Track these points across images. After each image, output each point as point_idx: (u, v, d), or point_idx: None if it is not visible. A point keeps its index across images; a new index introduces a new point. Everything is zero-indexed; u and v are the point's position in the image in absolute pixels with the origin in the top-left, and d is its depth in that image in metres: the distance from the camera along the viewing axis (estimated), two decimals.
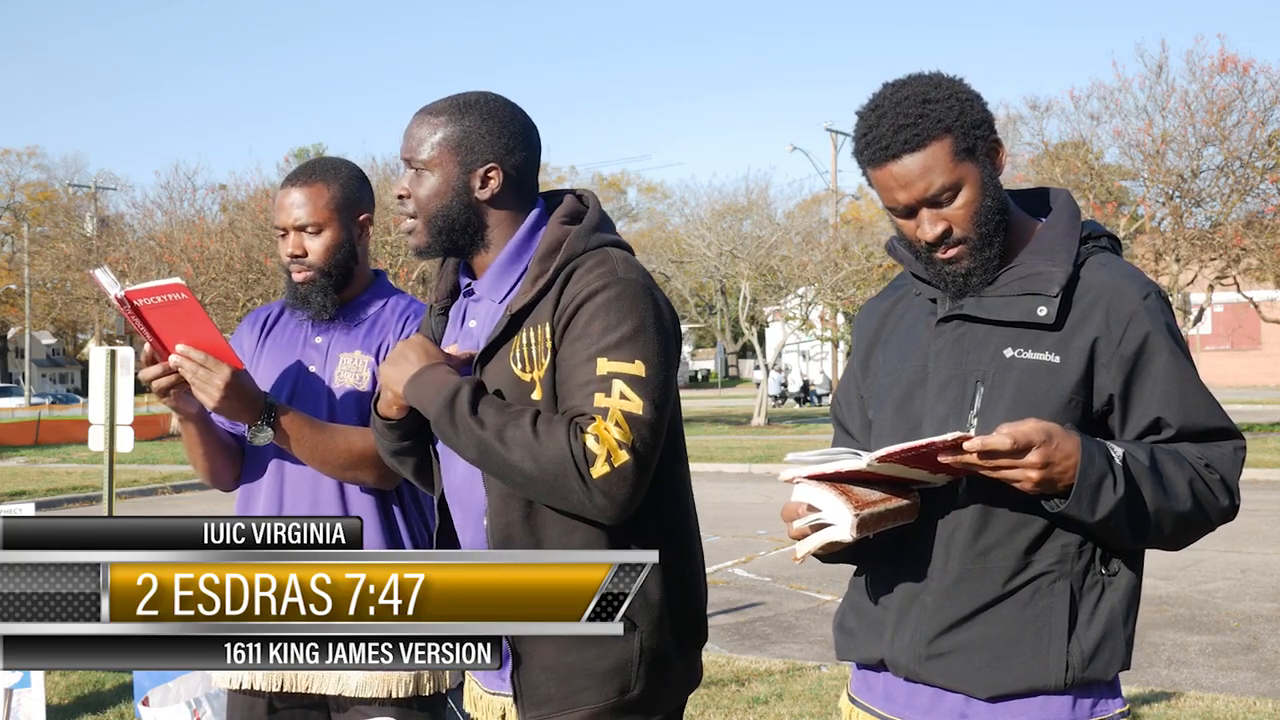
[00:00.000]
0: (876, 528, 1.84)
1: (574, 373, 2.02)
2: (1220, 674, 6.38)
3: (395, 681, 2.64)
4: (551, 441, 1.95)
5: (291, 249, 2.69)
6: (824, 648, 6.98)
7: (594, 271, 2.07)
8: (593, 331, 2.02)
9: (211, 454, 2.72)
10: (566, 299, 2.06)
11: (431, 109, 2.18)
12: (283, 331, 2.82)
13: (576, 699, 2.07)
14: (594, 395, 1.99)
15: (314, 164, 2.78)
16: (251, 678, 2.69)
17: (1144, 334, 1.89)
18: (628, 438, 1.97)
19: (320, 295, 2.71)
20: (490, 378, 2.12)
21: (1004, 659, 1.90)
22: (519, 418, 1.99)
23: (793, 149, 41.11)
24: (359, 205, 2.75)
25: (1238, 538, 10.13)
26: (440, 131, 2.15)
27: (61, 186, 58.34)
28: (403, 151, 2.19)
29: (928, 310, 2.05)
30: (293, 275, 2.71)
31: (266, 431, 2.55)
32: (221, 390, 2.44)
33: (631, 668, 2.07)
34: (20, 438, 28.63)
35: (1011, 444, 1.74)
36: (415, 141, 2.16)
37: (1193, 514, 1.88)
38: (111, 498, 7.71)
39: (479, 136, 2.15)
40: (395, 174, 27.81)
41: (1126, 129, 21.37)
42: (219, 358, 2.46)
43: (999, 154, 1.95)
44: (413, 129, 2.18)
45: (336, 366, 2.73)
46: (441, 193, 2.14)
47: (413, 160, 2.16)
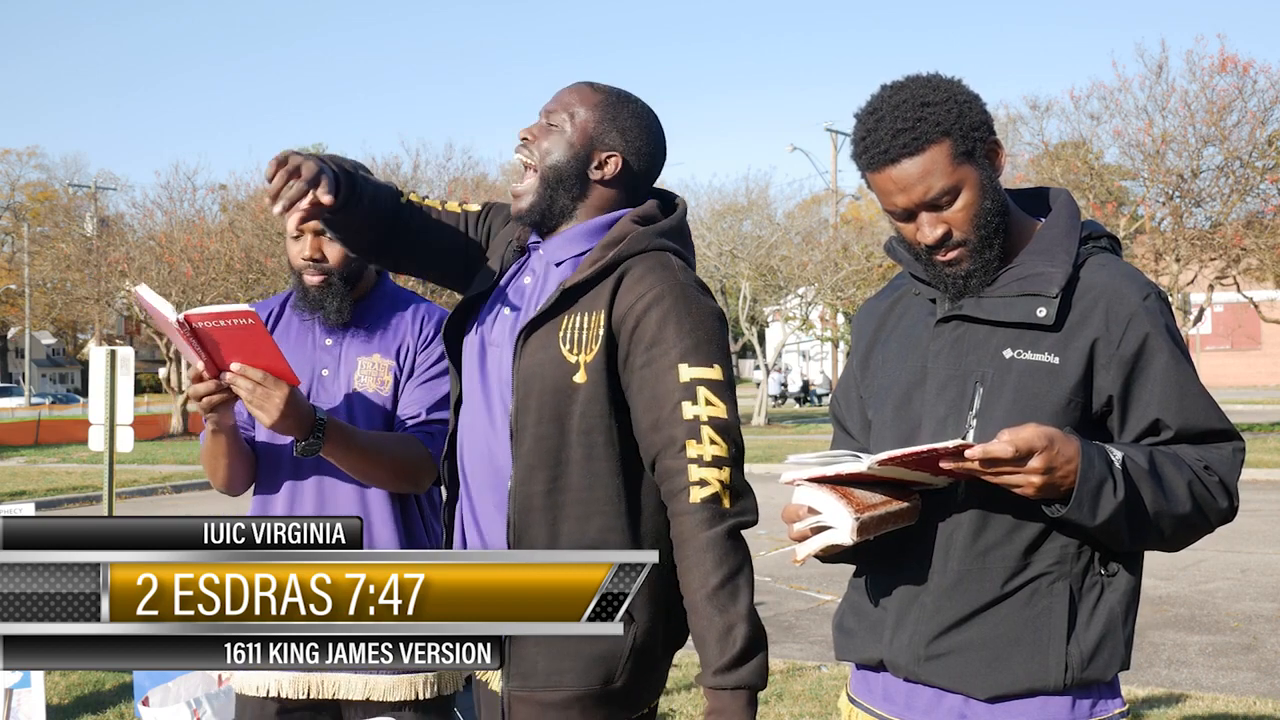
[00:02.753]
0: (877, 530, 1.84)
1: (655, 380, 2.07)
2: (1220, 674, 6.38)
3: (420, 683, 2.64)
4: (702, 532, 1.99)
5: (310, 252, 2.66)
6: (824, 648, 6.98)
7: (655, 274, 2.12)
8: (666, 334, 2.07)
9: (234, 462, 2.69)
10: (630, 298, 2.10)
11: (594, 85, 2.27)
12: (287, 332, 2.78)
13: (561, 679, 2.08)
14: (681, 404, 2.04)
15: None
16: (278, 685, 2.67)
17: (1143, 335, 1.89)
18: (724, 450, 2.03)
19: (336, 299, 2.68)
20: (532, 351, 2.14)
21: (1003, 659, 1.89)
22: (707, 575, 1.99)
23: (793, 149, 41.10)
24: None
25: (1238, 538, 10.13)
26: (593, 106, 2.23)
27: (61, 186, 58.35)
28: (548, 104, 2.25)
29: (927, 310, 2.05)
30: (305, 278, 2.68)
31: (316, 444, 2.53)
32: (280, 409, 2.42)
33: (620, 660, 2.09)
34: (20, 438, 28.63)
35: (1014, 451, 1.74)
36: (566, 102, 2.24)
37: (1192, 516, 1.88)
38: (111, 498, 7.71)
39: (622, 128, 2.23)
40: (395, 174, 27.82)
41: (1126, 129, 21.37)
42: (275, 375, 2.44)
43: (998, 155, 1.94)
44: (569, 92, 2.26)
45: (355, 370, 2.70)
46: (564, 151, 2.21)
47: (553, 114, 2.23)
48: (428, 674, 2.65)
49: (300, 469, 2.69)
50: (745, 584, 1.99)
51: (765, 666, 1.98)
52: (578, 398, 2.10)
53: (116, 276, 29.05)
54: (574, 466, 2.09)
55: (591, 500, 2.09)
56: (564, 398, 2.10)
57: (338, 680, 2.65)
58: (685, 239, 2.26)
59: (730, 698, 1.95)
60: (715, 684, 1.95)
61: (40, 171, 64.00)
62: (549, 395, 2.11)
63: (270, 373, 2.43)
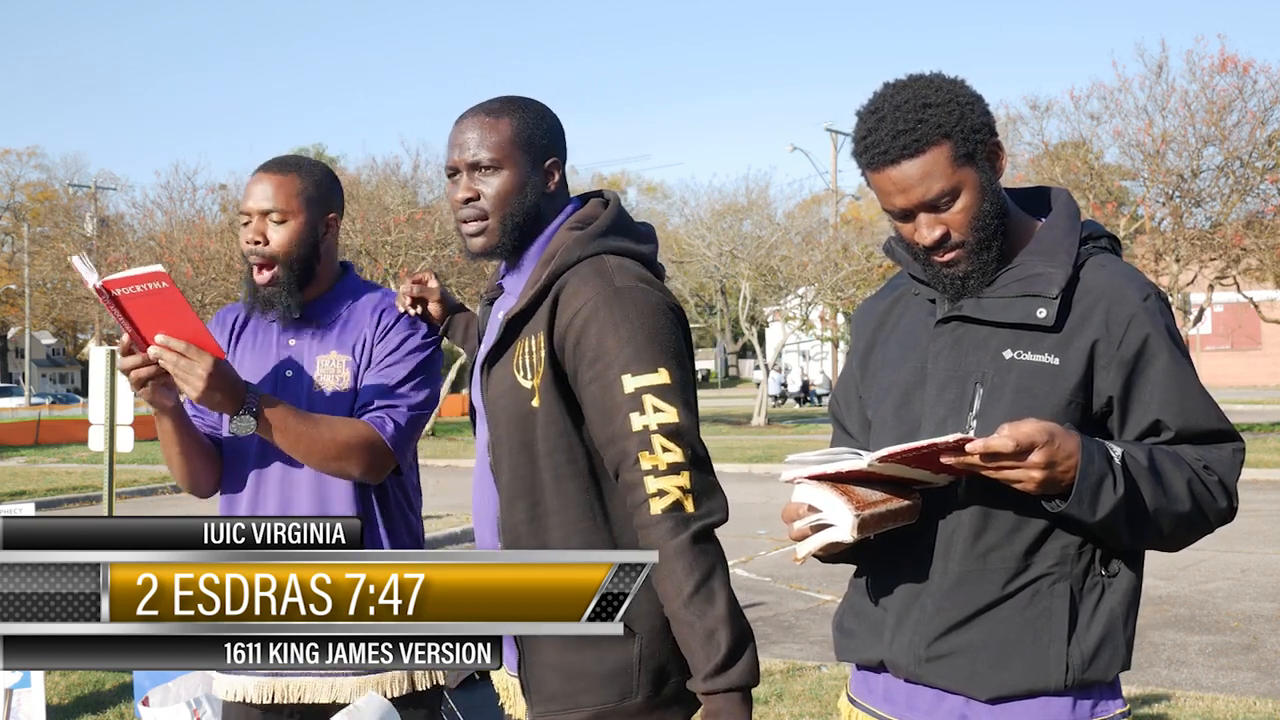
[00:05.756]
0: (877, 528, 1.84)
1: (602, 394, 2.02)
2: (1220, 674, 6.38)
3: (389, 682, 2.63)
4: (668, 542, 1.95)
5: (254, 235, 2.62)
6: (824, 648, 6.98)
7: (589, 283, 2.06)
8: (605, 345, 2.02)
9: (189, 452, 2.65)
10: (566, 315, 2.06)
11: (485, 109, 2.16)
12: (253, 335, 2.76)
13: (579, 699, 2.09)
14: (629, 416, 1.99)
15: (289, 156, 2.73)
16: (244, 690, 2.66)
17: (1144, 336, 1.89)
18: (680, 454, 1.98)
19: (285, 295, 2.65)
20: (495, 383, 2.15)
21: (1004, 660, 1.89)
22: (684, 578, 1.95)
23: (793, 149, 41.14)
24: (329, 204, 2.70)
25: (1238, 538, 10.13)
26: (504, 130, 2.14)
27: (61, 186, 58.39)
28: (459, 155, 2.15)
29: (927, 311, 2.04)
30: (254, 274, 2.65)
31: (249, 420, 2.47)
32: (205, 380, 2.37)
33: (632, 673, 2.08)
34: (20, 438, 28.62)
35: (1014, 446, 1.74)
36: (476, 142, 2.14)
37: (1191, 515, 1.88)
38: (111, 498, 7.71)
39: (542, 132, 2.17)
40: (395, 174, 27.82)
41: (1126, 129, 21.37)
42: (200, 346, 2.39)
43: (999, 157, 1.94)
44: (468, 131, 2.15)
45: (315, 370, 2.68)
46: (518, 189, 2.14)
47: (479, 162, 2.13)
48: (398, 673, 2.62)
49: (264, 462, 2.65)
50: (720, 586, 1.96)
51: (754, 664, 1.96)
52: (537, 421, 2.10)
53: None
54: (547, 491, 2.10)
55: (568, 521, 2.09)
56: (526, 424, 2.11)
57: (303, 684, 2.62)
58: (628, 229, 2.19)
59: (724, 700, 1.94)
60: (707, 689, 1.95)
61: (40, 171, 64.09)
62: (514, 424, 2.12)
63: (194, 344, 2.38)
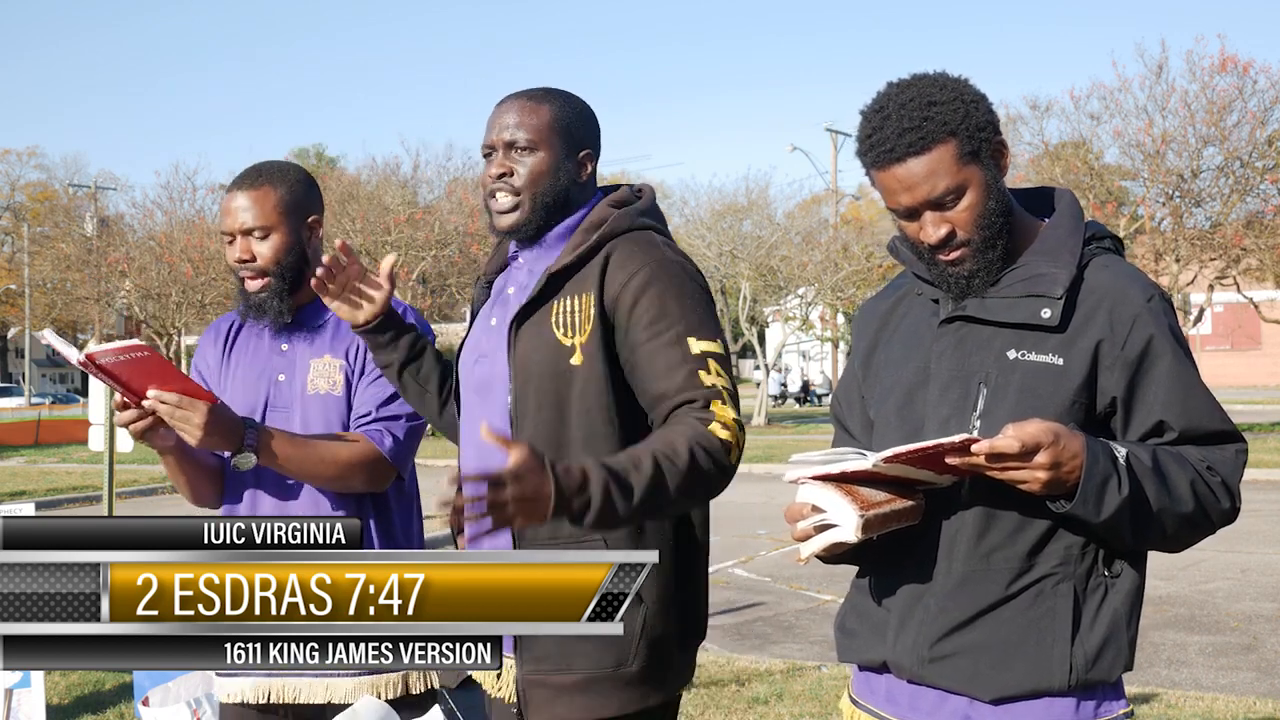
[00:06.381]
0: (881, 529, 1.84)
1: (664, 352, 2.08)
2: (1220, 674, 6.38)
3: (384, 684, 2.63)
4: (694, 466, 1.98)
5: (240, 254, 2.66)
6: (824, 648, 6.98)
7: (645, 251, 2.15)
8: (668, 311, 2.10)
9: (194, 478, 2.73)
10: (621, 276, 2.12)
11: (528, 95, 2.25)
12: (247, 343, 2.79)
13: (572, 661, 2.10)
14: (698, 373, 2.07)
15: (259, 167, 2.72)
16: (241, 692, 2.67)
17: (1148, 337, 1.89)
18: (739, 417, 2.07)
19: (276, 301, 2.67)
20: (526, 339, 2.17)
21: (1008, 661, 1.89)
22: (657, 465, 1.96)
23: (793, 149, 41.11)
24: (308, 208, 2.71)
25: (1238, 538, 10.12)
26: (544, 114, 2.22)
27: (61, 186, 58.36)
28: (497, 134, 2.22)
29: (930, 311, 2.04)
30: (245, 284, 2.68)
31: (250, 458, 2.55)
32: (202, 426, 2.47)
33: (632, 641, 2.10)
34: (20, 438, 28.61)
35: (1020, 447, 1.73)
36: (515, 123, 2.21)
37: (1194, 515, 1.88)
38: (111, 498, 7.71)
39: (579, 123, 2.25)
40: (395, 174, 27.82)
41: (1126, 129, 21.37)
42: (192, 395, 2.49)
43: (1003, 156, 1.94)
44: (508, 114, 2.23)
45: (308, 374, 2.70)
46: (551, 171, 2.21)
47: (515, 141, 2.20)
48: (392, 674, 2.63)
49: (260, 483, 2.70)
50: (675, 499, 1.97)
51: (595, 514, 1.90)
52: (575, 380, 2.12)
53: (116, 276, 29.08)
54: (574, 448, 2.11)
55: None
56: (562, 381, 2.13)
57: (298, 685, 2.63)
58: (662, 220, 2.28)
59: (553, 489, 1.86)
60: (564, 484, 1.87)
61: (40, 171, 64.03)
62: (547, 380, 2.13)
63: (185, 394, 2.48)
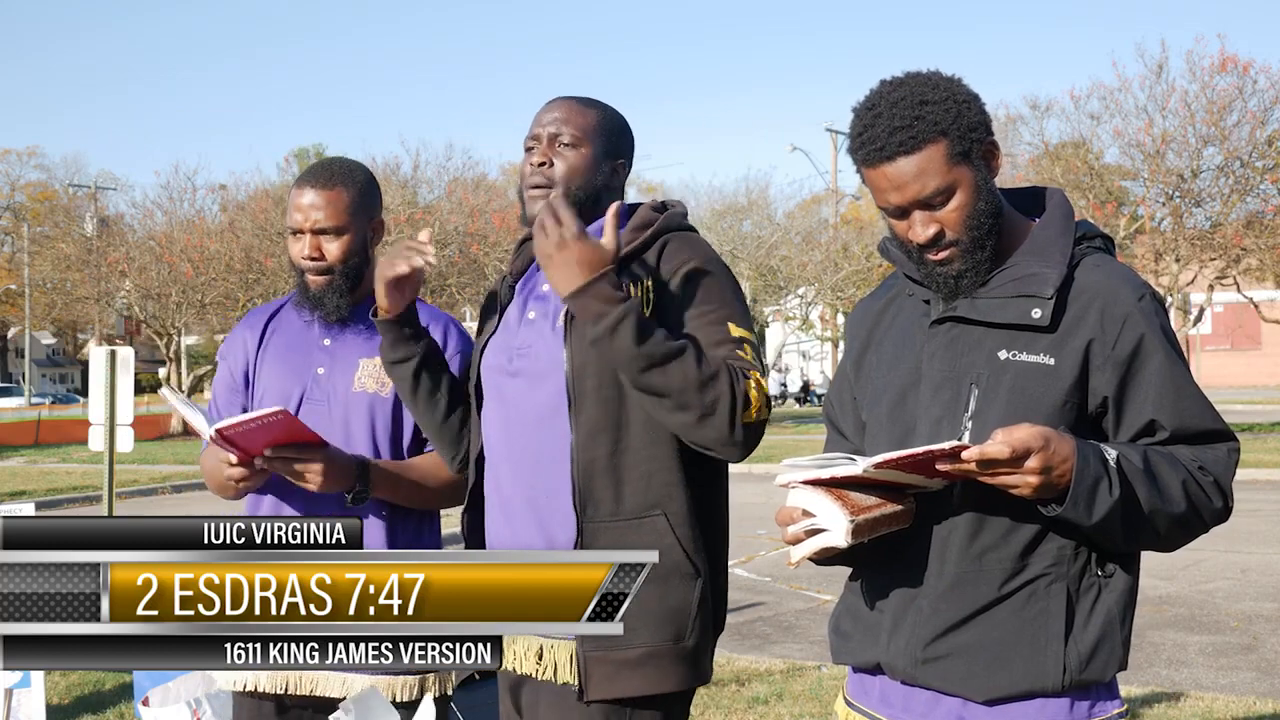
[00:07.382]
0: (871, 533, 1.84)
1: (708, 329, 2.21)
2: (1220, 674, 6.38)
3: (400, 685, 2.62)
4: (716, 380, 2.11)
5: (309, 251, 2.68)
6: (824, 648, 6.99)
7: (694, 246, 2.29)
8: (715, 298, 2.24)
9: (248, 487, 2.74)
10: (675, 262, 2.25)
11: (579, 99, 2.39)
12: (286, 334, 2.80)
13: (633, 637, 2.12)
14: (736, 351, 2.19)
15: (331, 165, 2.75)
16: (256, 680, 2.67)
17: (1139, 336, 1.89)
18: (768, 395, 2.19)
19: (335, 296, 2.70)
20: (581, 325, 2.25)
21: (1001, 662, 1.89)
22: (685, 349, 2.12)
23: (793, 149, 41.12)
24: (374, 209, 2.75)
25: (1238, 538, 10.13)
26: (590, 117, 2.35)
27: (61, 186, 58.31)
28: (544, 127, 2.34)
29: (921, 311, 2.04)
30: (306, 278, 2.70)
31: (365, 494, 2.61)
32: (322, 474, 2.54)
33: (690, 615, 2.17)
34: (20, 438, 28.62)
35: (1010, 452, 1.74)
36: (562, 120, 2.34)
37: (1186, 515, 1.88)
38: (111, 498, 7.72)
39: (619, 134, 2.39)
40: (395, 174, 27.80)
41: (1126, 129, 21.36)
42: (300, 440, 2.53)
43: (995, 156, 1.94)
44: (555, 111, 2.35)
45: (356, 371, 2.71)
46: (589, 168, 2.34)
47: (559, 135, 2.33)
48: (409, 676, 2.64)
49: None
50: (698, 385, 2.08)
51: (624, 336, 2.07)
52: None
53: (116, 276, 29.05)
54: (634, 427, 2.19)
55: (655, 457, 2.19)
56: None
57: (316, 677, 2.65)
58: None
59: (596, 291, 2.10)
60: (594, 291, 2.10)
61: (40, 171, 63.95)
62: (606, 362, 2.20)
63: (296, 440, 2.53)
